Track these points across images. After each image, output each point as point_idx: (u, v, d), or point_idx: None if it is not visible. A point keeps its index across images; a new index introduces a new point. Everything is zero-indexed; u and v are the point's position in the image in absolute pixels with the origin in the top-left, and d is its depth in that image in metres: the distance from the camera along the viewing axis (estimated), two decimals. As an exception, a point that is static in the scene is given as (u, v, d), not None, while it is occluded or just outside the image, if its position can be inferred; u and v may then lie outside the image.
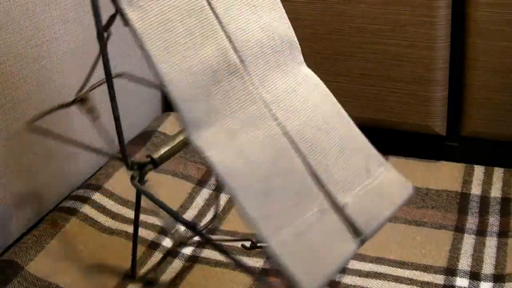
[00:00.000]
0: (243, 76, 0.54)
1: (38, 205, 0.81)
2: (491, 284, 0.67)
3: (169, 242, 0.75)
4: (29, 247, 0.72)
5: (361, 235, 0.53)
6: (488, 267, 0.69)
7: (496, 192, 0.81)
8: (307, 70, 0.60)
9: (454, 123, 0.91)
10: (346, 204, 0.54)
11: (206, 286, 0.69)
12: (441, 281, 0.68)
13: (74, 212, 0.78)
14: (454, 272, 0.69)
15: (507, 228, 0.75)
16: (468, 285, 0.67)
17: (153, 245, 0.75)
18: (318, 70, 0.60)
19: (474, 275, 0.68)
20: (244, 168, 0.51)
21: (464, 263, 0.70)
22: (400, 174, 0.59)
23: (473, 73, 0.86)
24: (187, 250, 0.74)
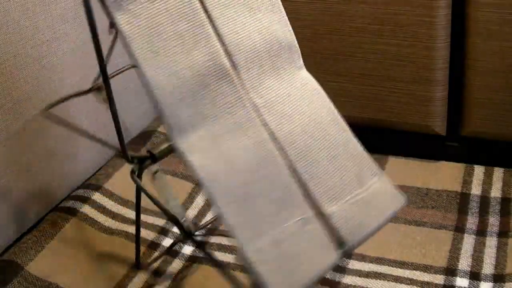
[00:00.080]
0: (234, 80, 0.53)
1: (38, 205, 0.81)
2: (491, 284, 0.67)
3: (169, 242, 0.75)
4: (29, 247, 0.72)
5: (344, 246, 0.52)
6: (488, 267, 0.69)
7: (496, 192, 0.81)
8: (306, 75, 0.58)
9: (454, 123, 0.91)
10: (333, 213, 0.53)
11: (206, 286, 0.69)
12: (441, 281, 0.68)
13: (74, 212, 0.78)
14: (454, 272, 0.69)
15: (507, 228, 0.75)
16: (468, 285, 0.67)
17: (153, 245, 0.75)
18: (318, 70, 0.60)
19: (474, 275, 0.68)
20: (225, 174, 0.50)
21: (464, 263, 0.70)
22: (394, 186, 0.57)
23: (473, 73, 0.86)
24: (187, 250, 0.74)
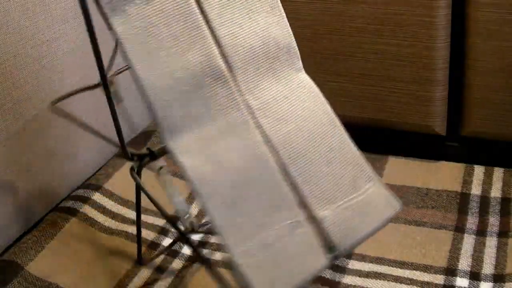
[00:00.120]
0: (229, 82, 0.53)
1: (38, 205, 0.81)
2: (491, 284, 0.67)
3: (169, 242, 0.75)
4: (29, 247, 0.72)
5: (335, 250, 0.52)
6: (488, 267, 0.69)
7: (496, 192, 0.81)
8: (304, 77, 0.58)
9: (454, 123, 0.91)
10: (325, 217, 0.52)
11: (206, 286, 0.69)
12: (441, 281, 0.68)
13: (74, 212, 0.78)
14: (454, 272, 0.69)
15: (507, 228, 0.75)
16: (468, 285, 0.67)
17: (153, 245, 0.75)
18: (318, 70, 0.60)
19: (474, 275, 0.68)
20: (215, 175, 0.50)
21: (464, 263, 0.70)
22: (390, 192, 0.57)
23: (473, 73, 0.86)
24: (187, 250, 0.74)
